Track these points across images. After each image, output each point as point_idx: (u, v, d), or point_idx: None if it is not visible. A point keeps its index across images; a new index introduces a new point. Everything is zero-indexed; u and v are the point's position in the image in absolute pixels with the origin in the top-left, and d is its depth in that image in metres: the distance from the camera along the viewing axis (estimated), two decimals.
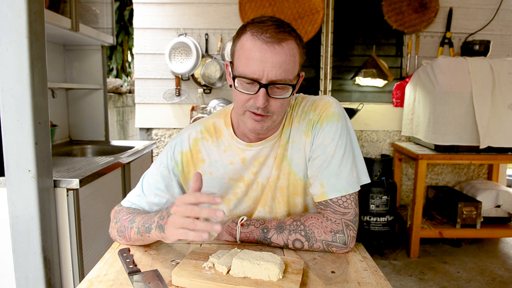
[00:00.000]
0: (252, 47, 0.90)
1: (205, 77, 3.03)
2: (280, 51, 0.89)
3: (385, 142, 3.34)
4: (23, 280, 1.47)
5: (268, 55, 0.89)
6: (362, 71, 3.06)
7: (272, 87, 0.91)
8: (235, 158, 1.05)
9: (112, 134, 3.87)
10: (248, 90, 0.93)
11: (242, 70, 0.91)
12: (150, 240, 0.95)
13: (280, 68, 0.89)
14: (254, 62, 0.89)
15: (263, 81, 0.90)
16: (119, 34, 6.29)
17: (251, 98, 0.93)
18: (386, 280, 0.83)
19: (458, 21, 3.15)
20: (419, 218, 2.80)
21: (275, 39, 0.89)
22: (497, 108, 2.69)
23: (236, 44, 0.95)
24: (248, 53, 0.90)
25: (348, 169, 1.00)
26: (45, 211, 1.47)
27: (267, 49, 0.89)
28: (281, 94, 0.93)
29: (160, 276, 0.83)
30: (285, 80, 0.91)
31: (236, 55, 0.94)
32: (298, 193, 1.05)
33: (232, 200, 1.08)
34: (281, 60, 0.89)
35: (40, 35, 1.42)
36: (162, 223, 0.86)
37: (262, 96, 0.90)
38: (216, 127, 1.08)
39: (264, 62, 0.89)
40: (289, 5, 3.02)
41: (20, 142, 1.39)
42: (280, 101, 0.93)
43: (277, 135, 1.04)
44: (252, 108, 0.93)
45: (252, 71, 0.90)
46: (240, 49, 0.93)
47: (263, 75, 0.89)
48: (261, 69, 0.89)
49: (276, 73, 0.89)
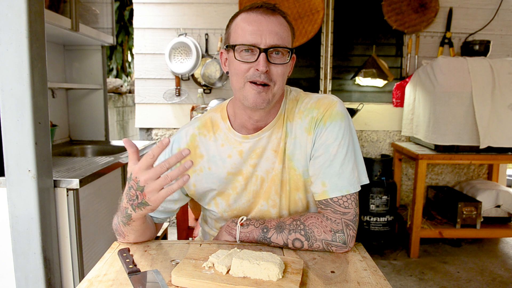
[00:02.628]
0: (247, 19, 0.95)
1: (205, 77, 3.03)
2: (275, 20, 0.95)
3: (385, 142, 3.34)
4: (23, 280, 1.47)
5: (264, 23, 0.94)
6: (362, 71, 3.07)
7: (271, 52, 0.94)
8: (233, 151, 1.05)
9: (112, 134, 3.87)
10: (247, 59, 0.95)
11: (240, 40, 0.95)
12: (138, 224, 0.95)
13: (276, 34, 0.94)
14: (251, 30, 0.94)
15: (262, 45, 0.93)
16: (119, 34, 6.29)
17: (251, 67, 0.95)
18: (386, 280, 0.83)
19: (458, 21, 3.15)
20: (419, 218, 2.80)
21: (269, 10, 0.95)
22: (497, 108, 2.69)
23: (230, 26, 0.99)
24: (244, 25, 0.95)
25: (350, 169, 1.00)
26: (45, 211, 1.47)
27: (262, 18, 0.94)
28: (280, 59, 0.96)
29: (159, 276, 0.83)
30: (283, 45, 0.95)
31: (232, 32, 0.98)
32: (299, 188, 1.05)
33: (232, 194, 1.08)
34: (277, 27, 0.95)
35: (40, 35, 1.42)
36: (139, 201, 0.86)
37: (263, 60, 0.93)
38: (213, 121, 1.09)
39: (261, 30, 0.93)
40: (289, 5, 3.02)
41: (20, 142, 1.39)
42: (280, 67, 0.96)
43: (273, 125, 1.04)
44: (254, 77, 0.94)
45: (250, 38, 0.93)
46: (235, 25, 0.97)
47: (261, 40, 0.93)
48: (258, 35, 0.93)
49: (273, 38, 0.93)
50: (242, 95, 0.98)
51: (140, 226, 0.96)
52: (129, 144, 0.86)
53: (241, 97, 0.98)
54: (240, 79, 0.96)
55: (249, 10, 0.96)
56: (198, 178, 1.08)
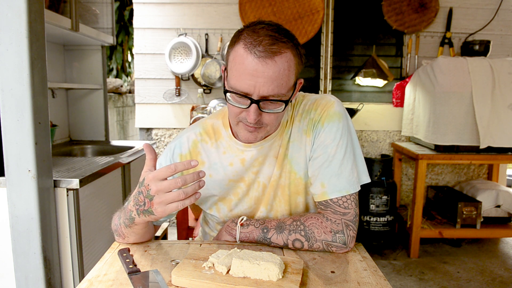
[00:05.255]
0: (244, 61, 0.86)
1: (205, 77, 3.03)
2: (273, 66, 0.86)
3: (385, 142, 3.34)
4: (23, 280, 1.47)
5: (260, 70, 0.85)
6: (362, 71, 3.06)
7: (264, 102, 0.90)
8: (234, 159, 1.05)
9: (112, 134, 3.87)
10: (240, 103, 0.92)
11: (233, 84, 0.90)
12: (140, 228, 0.94)
13: (272, 83, 0.87)
14: (245, 77, 0.87)
15: (254, 97, 0.88)
16: (119, 34, 6.29)
17: (244, 111, 0.92)
18: (386, 280, 0.83)
19: (458, 21, 3.15)
20: (419, 218, 2.80)
21: (268, 53, 0.85)
22: (497, 108, 2.69)
23: (230, 53, 0.92)
24: (240, 66, 0.87)
25: (349, 169, 1.00)
26: (45, 211, 1.47)
27: (259, 64, 0.85)
28: (273, 108, 0.91)
29: (160, 276, 0.83)
30: (278, 96, 0.89)
31: (229, 65, 0.92)
32: (299, 192, 1.05)
33: (233, 200, 1.08)
34: (274, 75, 0.86)
35: (40, 35, 1.42)
36: (146, 208, 0.85)
37: (253, 112, 0.89)
38: (214, 128, 1.08)
39: (255, 78, 0.86)
40: (289, 5, 3.01)
41: (20, 142, 1.39)
42: (273, 115, 0.93)
43: (275, 135, 1.03)
44: (245, 120, 0.93)
45: (243, 87, 0.87)
46: (233, 60, 0.90)
47: (254, 90, 0.87)
48: (252, 84, 0.87)
49: (268, 88, 0.87)
50: (235, 130, 1.00)
51: (141, 230, 0.96)
52: (149, 149, 0.86)
53: (235, 130, 1.02)
54: (233, 118, 0.97)
55: (250, 44, 0.86)
56: None
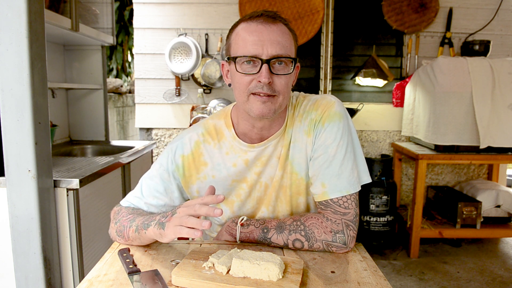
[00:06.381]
0: (248, 29, 0.92)
1: (205, 77, 3.03)
2: (276, 29, 0.92)
3: (385, 142, 3.34)
4: (23, 280, 1.47)
5: (265, 32, 0.91)
6: (362, 71, 3.06)
7: (273, 63, 0.92)
8: (238, 160, 1.04)
9: (112, 134, 3.87)
10: (249, 71, 0.93)
11: (241, 51, 0.92)
12: (146, 237, 0.94)
13: (278, 44, 0.91)
14: (252, 41, 0.91)
15: (264, 56, 0.91)
16: (119, 34, 6.29)
17: (254, 78, 0.92)
18: (386, 280, 0.83)
19: (458, 21, 3.15)
20: (419, 218, 2.80)
21: (269, 19, 0.92)
22: (497, 108, 2.69)
23: (231, 37, 0.97)
24: (245, 35, 0.92)
25: (349, 169, 1.00)
26: (45, 211, 1.47)
27: (263, 28, 0.91)
28: (283, 70, 0.93)
29: (160, 276, 0.83)
30: (286, 55, 0.92)
31: (233, 43, 0.95)
32: (300, 192, 1.05)
33: (236, 202, 1.08)
34: (278, 37, 0.92)
35: (40, 35, 1.42)
36: (164, 220, 0.87)
37: (265, 71, 0.90)
38: (217, 128, 1.07)
39: (262, 40, 0.91)
40: (289, 5, 3.02)
41: (20, 142, 1.39)
42: (283, 78, 0.94)
43: (279, 134, 1.03)
44: (257, 88, 0.92)
45: (251, 50, 0.91)
46: (236, 36, 0.94)
47: (263, 51, 0.91)
48: (260, 45, 0.90)
49: (275, 48, 0.91)
50: (247, 108, 0.96)
51: (147, 241, 0.97)
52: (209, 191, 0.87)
53: (246, 109, 0.96)
54: (243, 92, 0.94)
55: (249, 20, 0.93)
56: (201, 185, 1.07)
